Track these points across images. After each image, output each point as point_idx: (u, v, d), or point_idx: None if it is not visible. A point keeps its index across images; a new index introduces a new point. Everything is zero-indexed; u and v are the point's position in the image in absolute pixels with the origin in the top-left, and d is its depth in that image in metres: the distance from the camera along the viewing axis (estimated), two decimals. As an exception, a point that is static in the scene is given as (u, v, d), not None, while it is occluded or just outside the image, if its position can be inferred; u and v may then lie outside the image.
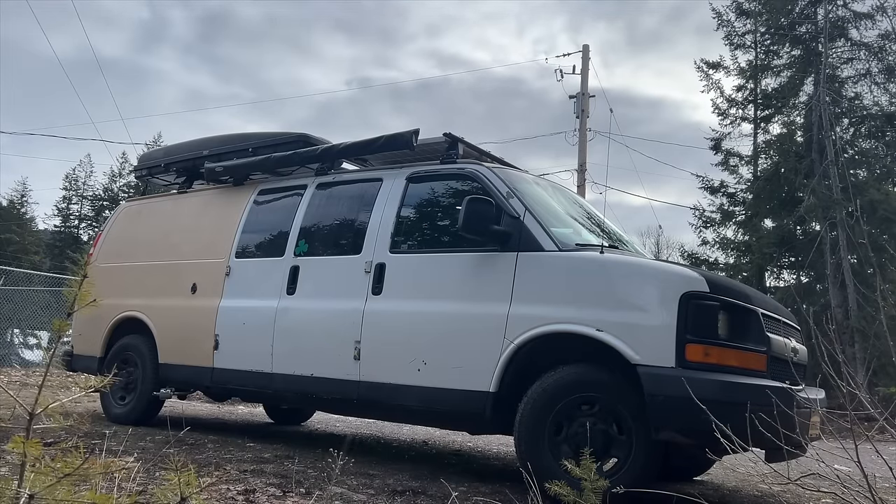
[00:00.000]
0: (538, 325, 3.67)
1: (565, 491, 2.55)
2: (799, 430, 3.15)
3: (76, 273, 1.88)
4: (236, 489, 3.36)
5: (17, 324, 14.07)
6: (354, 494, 3.44)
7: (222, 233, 5.48)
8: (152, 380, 5.55)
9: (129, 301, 5.85)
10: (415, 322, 4.16)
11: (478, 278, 4.00)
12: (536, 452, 3.50)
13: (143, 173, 6.70)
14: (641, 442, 3.38)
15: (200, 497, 1.90)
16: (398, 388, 4.13)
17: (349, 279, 4.50)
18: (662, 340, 3.32)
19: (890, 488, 3.45)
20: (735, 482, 4.80)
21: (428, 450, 5.78)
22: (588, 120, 17.17)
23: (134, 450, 4.15)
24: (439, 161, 4.63)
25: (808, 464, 3.03)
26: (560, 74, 17.33)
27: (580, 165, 16.91)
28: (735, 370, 3.31)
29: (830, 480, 2.74)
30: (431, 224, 4.59)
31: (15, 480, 1.71)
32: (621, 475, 3.31)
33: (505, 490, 3.64)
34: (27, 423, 1.73)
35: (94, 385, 1.96)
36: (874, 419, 2.74)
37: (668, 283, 3.47)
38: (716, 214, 17.79)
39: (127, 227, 6.44)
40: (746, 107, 17.95)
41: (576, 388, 3.53)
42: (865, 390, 10.40)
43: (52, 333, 11.88)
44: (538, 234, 3.89)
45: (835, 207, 14.47)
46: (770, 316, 3.68)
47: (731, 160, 17.74)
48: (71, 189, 44.12)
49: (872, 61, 16.09)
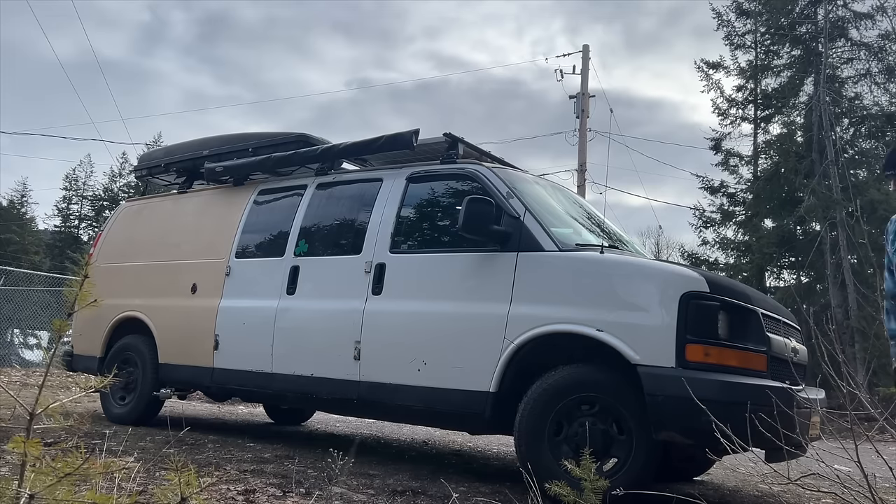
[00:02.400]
0: (538, 325, 3.67)
1: (565, 491, 2.55)
2: (799, 430, 3.15)
3: (76, 273, 1.89)
4: (236, 489, 3.36)
5: (17, 324, 14.07)
6: (354, 494, 3.45)
7: (222, 233, 5.48)
8: (152, 380, 5.54)
9: (130, 301, 5.85)
10: (415, 322, 4.16)
11: (478, 278, 4.01)
12: (536, 452, 3.50)
13: (143, 173, 6.70)
14: (641, 442, 3.38)
15: (200, 497, 1.90)
16: (398, 388, 4.13)
17: (349, 279, 4.50)
18: (662, 340, 3.32)
19: (890, 488, 3.45)
20: (735, 482, 4.80)
21: (428, 450, 5.78)
22: (588, 120, 17.18)
23: (134, 450, 4.15)
24: (439, 161, 4.64)
25: (808, 464, 3.03)
26: (560, 74, 17.35)
27: (580, 165, 16.91)
28: (735, 370, 3.31)
29: (830, 480, 2.74)
30: (431, 224, 4.59)
31: (15, 480, 1.71)
32: (621, 475, 3.31)
33: (505, 490, 3.64)
34: (27, 423, 1.74)
35: (94, 385, 1.96)
36: (874, 419, 2.74)
37: (668, 283, 3.47)
38: (716, 214, 17.80)
39: (127, 227, 6.44)
40: (746, 107, 17.97)
41: (576, 388, 3.53)
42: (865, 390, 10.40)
43: (52, 333, 11.88)
44: (538, 234, 3.89)
45: (835, 207, 14.48)
46: (770, 316, 3.68)
47: (732, 160, 17.77)
48: (71, 189, 44.10)
49: (872, 61, 16.11)
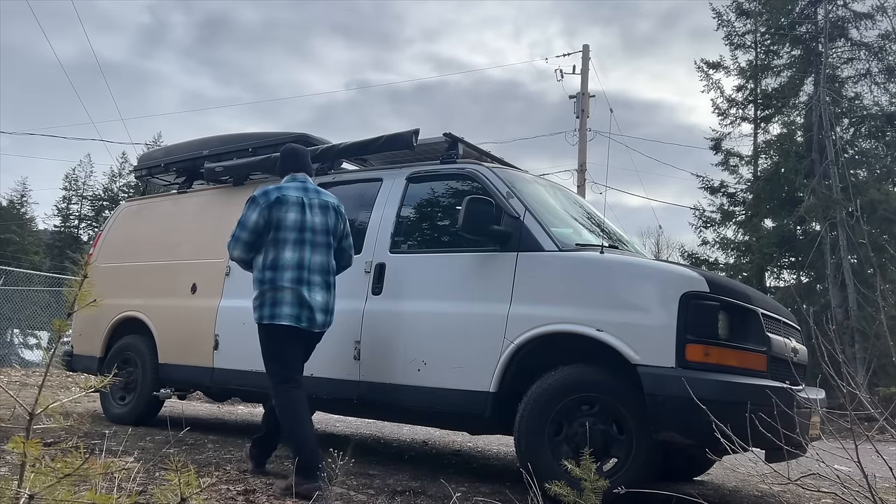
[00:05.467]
0: (538, 325, 3.67)
1: (565, 491, 2.55)
2: (799, 430, 3.15)
3: (76, 273, 1.88)
4: (236, 489, 3.36)
5: (17, 324, 14.07)
6: (354, 494, 3.45)
7: (222, 233, 5.44)
8: (152, 380, 5.54)
9: (129, 301, 5.85)
10: (415, 322, 4.15)
11: (478, 278, 4.00)
12: (536, 452, 3.50)
13: (143, 173, 6.69)
14: (641, 442, 3.37)
15: (200, 497, 1.90)
16: (398, 388, 4.13)
17: (349, 279, 4.49)
18: (662, 340, 3.32)
19: (890, 488, 3.44)
20: (735, 482, 4.80)
21: (428, 450, 5.78)
22: (588, 120, 17.18)
23: (134, 450, 4.15)
24: (439, 161, 4.63)
25: (808, 464, 3.03)
26: (560, 74, 17.37)
27: (580, 165, 16.91)
28: (735, 370, 3.31)
29: (830, 480, 2.74)
30: (431, 224, 4.59)
31: (15, 480, 1.71)
32: (621, 475, 3.30)
33: (505, 490, 3.64)
34: (27, 423, 1.73)
35: (94, 385, 1.96)
36: (874, 419, 2.74)
37: (668, 283, 3.47)
38: (716, 214, 17.79)
39: (127, 227, 6.44)
40: (746, 107, 17.95)
41: (576, 388, 3.53)
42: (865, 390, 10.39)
43: (52, 333, 11.88)
44: (538, 234, 3.89)
45: (835, 207, 14.47)
46: (770, 316, 3.67)
47: (731, 160, 17.74)
48: (71, 189, 44.07)
49: (872, 61, 16.09)
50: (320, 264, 3.77)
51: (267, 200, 3.75)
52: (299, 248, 3.72)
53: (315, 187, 3.94)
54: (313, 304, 3.69)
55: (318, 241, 3.77)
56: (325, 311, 3.77)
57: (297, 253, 3.71)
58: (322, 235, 3.80)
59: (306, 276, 3.71)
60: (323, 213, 3.83)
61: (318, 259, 3.77)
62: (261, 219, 3.73)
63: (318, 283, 3.75)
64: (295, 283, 3.67)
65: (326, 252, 3.82)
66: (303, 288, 3.68)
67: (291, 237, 3.71)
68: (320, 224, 3.80)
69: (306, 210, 3.77)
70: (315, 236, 3.77)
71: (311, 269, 3.73)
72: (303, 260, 3.71)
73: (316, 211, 3.81)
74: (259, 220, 3.73)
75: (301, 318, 3.67)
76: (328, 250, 3.83)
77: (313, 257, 3.74)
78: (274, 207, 3.73)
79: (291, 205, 3.75)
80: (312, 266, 3.73)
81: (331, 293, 3.82)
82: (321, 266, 3.77)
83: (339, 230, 3.93)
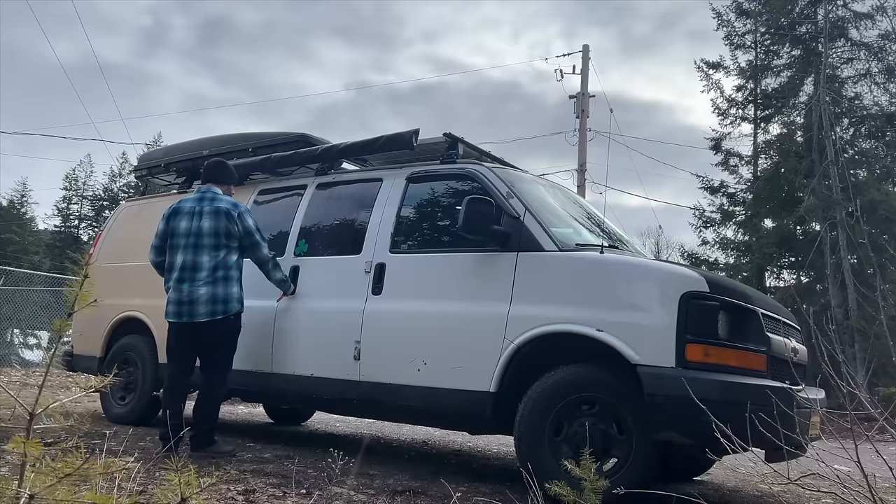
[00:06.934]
0: (538, 326, 3.67)
1: (565, 491, 2.55)
2: (799, 430, 3.14)
3: (76, 273, 1.89)
4: (236, 489, 3.36)
5: (17, 324, 14.06)
6: (354, 494, 3.45)
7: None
8: (152, 380, 5.54)
9: (129, 301, 5.85)
10: (415, 322, 4.15)
11: (478, 278, 4.00)
12: (536, 452, 3.50)
13: (143, 173, 6.70)
14: (641, 442, 3.38)
15: (200, 497, 1.90)
16: (398, 388, 4.13)
17: (349, 279, 4.50)
18: (662, 340, 3.32)
19: (890, 488, 3.45)
20: (735, 482, 4.80)
21: (428, 450, 5.78)
22: (588, 120, 17.17)
23: (134, 450, 4.15)
24: (439, 161, 4.63)
25: (808, 464, 3.03)
26: (560, 74, 17.33)
27: (580, 165, 16.90)
28: (735, 370, 3.30)
29: (830, 480, 2.74)
30: (431, 224, 4.59)
31: (15, 480, 1.71)
32: (621, 475, 3.31)
33: (505, 490, 3.63)
34: (27, 423, 1.74)
35: (94, 385, 1.97)
36: (874, 419, 2.74)
37: (667, 282, 3.47)
38: (716, 214, 17.78)
39: (127, 227, 6.43)
40: (746, 107, 17.93)
41: (576, 388, 3.53)
42: (865, 390, 10.41)
43: (52, 333, 11.89)
44: (538, 234, 3.89)
45: (835, 207, 14.46)
46: (770, 316, 3.67)
47: (731, 160, 17.75)
48: (71, 189, 44.12)
49: (872, 61, 16.08)
50: (207, 262, 4.30)
51: (167, 212, 4.52)
52: (186, 251, 4.34)
53: (213, 196, 4.45)
54: (194, 298, 4.26)
55: (204, 244, 4.33)
56: (210, 302, 4.28)
57: (183, 256, 4.33)
58: (210, 238, 4.33)
59: (189, 275, 4.29)
60: (212, 218, 4.36)
61: (206, 258, 4.31)
62: (163, 228, 4.50)
63: (204, 278, 4.29)
64: (177, 282, 4.33)
65: (214, 252, 4.33)
66: (184, 285, 4.28)
67: (182, 242, 4.36)
68: (207, 228, 4.34)
69: (195, 217, 4.37)
70: (201, 239, 4.33)
71: (197, 268, 4.29)
72: (186, 262, 4.32)
73: (206, 217, 4.36)
74: (163, 229, 4.50)
75: (181, 313, 4.31)
76: (216, 250, 4.34)
77: (199, 258, 4.31)
78: (171, 218, 4.45)
79: (184, 214, 4.41)
80: (198, 265, 4.30)
81: (220, 286, 4.31)
82: (208, 264, 4.30)
83: (234, 231, 4.40)
